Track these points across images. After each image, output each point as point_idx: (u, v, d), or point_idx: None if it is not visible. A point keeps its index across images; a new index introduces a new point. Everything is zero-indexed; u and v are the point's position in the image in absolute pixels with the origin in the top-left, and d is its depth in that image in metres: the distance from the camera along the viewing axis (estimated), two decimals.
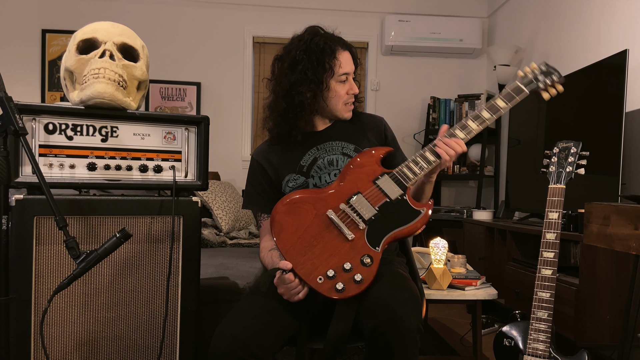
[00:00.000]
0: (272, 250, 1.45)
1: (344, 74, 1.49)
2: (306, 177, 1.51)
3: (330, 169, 1.51)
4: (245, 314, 1.26)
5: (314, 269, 1.23)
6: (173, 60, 4.13)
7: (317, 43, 1.47)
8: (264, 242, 1.53)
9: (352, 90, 1.51)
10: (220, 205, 3.24)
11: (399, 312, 1.14)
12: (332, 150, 1.53)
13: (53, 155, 1.37)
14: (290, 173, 1.52)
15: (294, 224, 1.30)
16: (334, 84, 1.49)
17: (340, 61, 1.47)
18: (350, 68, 1.51)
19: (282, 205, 1.33)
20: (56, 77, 4.02)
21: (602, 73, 2.53)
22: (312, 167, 1.51)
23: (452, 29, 4.16)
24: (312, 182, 1.50)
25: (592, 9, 2.95)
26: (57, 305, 1.33)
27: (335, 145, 1.53)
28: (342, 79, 1.49)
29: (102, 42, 1.41)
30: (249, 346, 1.18)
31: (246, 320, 1.24)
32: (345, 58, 1.49)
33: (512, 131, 3.49)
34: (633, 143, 2.41)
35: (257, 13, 4.22)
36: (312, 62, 1.45)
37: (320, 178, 1.50)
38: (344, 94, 1.51)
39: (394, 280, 1.27)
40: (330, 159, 1.52)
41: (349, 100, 1.53)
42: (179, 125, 1.47)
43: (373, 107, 4.30)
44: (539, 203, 3.01)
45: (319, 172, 1.51)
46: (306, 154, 1.53)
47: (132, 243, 1.40)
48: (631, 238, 1.38)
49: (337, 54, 1.47)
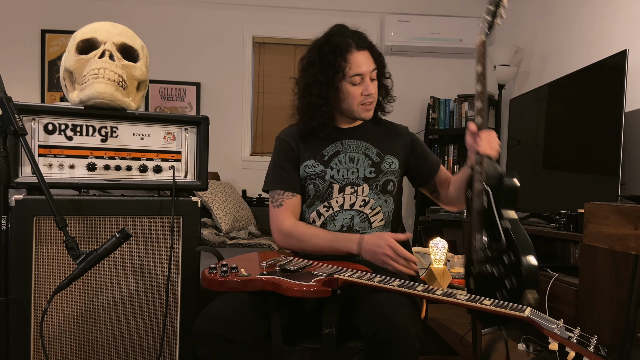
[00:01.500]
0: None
1: (357, 75, 1.47)
2: (325, 166, 1.52)
3: (350, 166, 1.52)
4: (233, 298, 1.27)
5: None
6: (173, 60, 4.13)
7: (331, 44, 1.48)
8: (288, 220, 1.52)
9: (367, 91, 1.49)
10: (220, 205, 3.24)
11: (397, 320, 1.13)
12: (356, 149, 1.55)
13: (53, 156, 1.37)
14: (311, 159, 1.53)
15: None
16: (346, 85, 1.48)
17: (351, 63, 1.46)
18: (366, 68, 1.48)
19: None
20: (56, 77, 4.02)
21: (602, 73, 2.53)
22: (333, 159, 1.53)
23: (452, 29, 4.16)
24: (330, 173, 1.51)
25: (592, 8, 2.95)
26: (57, 305, 1.33)
27: (360, 145, 1.55)
28: (355, 81, 1.48)
29: (101, 42, 1.41)
30: (229, 328, 1.19)
31: (231, 304, 1.25)
32: (358, 58, 1.47)
33: (512, 131, 3.49)
34: (633, 143, 2.41)
35: (257, 13, 4.22)
36: (323, 65, 1.47)
37: (339, 171, 1.52)
38: (358, 95, 1.49)
39: None
40: (352, 156, 1.54)
41: (366, 101, 1.51)
42: (179, 125, 1.47)
43: None
44: (539, 203, 3.01)
45: (338, 165, 1.52)
46: (330, 145, 1.55)
47: (132, 243, 1.40)
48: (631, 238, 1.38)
49: (348, 55, 1.46)
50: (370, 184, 1.51)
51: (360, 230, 1.50)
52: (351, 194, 1.50)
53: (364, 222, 1.50)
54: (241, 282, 1.26)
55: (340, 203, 1.50)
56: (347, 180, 1.51)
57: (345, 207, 1.50)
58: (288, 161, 1.55)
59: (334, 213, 1.50)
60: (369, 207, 1.51)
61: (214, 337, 1.19)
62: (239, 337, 1.20)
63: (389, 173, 1.54)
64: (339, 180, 1.51)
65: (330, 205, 1.50)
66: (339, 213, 1.50)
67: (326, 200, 1.51)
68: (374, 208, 1.51)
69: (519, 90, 3.77)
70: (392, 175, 1.54)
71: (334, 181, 1.51)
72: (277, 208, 1.53)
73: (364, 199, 1.51)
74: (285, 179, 1.54)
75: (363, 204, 1.50)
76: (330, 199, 1.50)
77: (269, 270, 1.29)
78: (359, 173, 1.52)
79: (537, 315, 0.99)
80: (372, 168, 1.53)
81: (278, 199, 1.54)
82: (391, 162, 1.55)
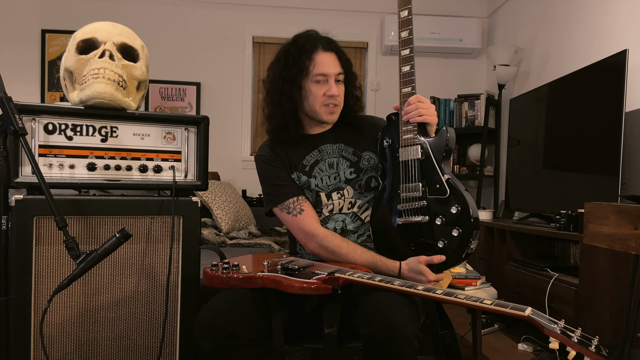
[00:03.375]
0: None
1: (320, 74, 1.46)
2: (308, 176, 1.52)
3: (331, 172, 1.52)
4: (235, 293, 1.28)
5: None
6: (173, 60, 4.13)
7: (298, 44, 1.48)
8: (320, 227, 1.47)
9: (329, 91, 1.47)
10: (220, 205, 3.24)
11: (395, 319, 1.13)
12: (333, 153, 1.54)
13: (53, 156, 1.37)
14: (293, 171, 1.52)
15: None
16: (309, 84, 1.47)
17: (316, 61, 1.45)
18: (332, 70, 1.47)
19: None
20: (56, 77, 4.02)
21: (602, 73, 2.53)
22: (314, 167, 1.52)
23: (452, 29, 4.16)
24: (314, 182, 1.51)
25: (592, 8, 2.95)
26: (57, 305, 1.33)
27: (335, 149, 1.55)
28: (318, 79, 1.46)
29: (101, 42, 1.41)
30: (231, 321, 1.20)
31: (234, 299, 1.26)
32: (323, 59, 1.46)
33: (512, 131, 3.49)
34: (633, 143, 2.41)
35: (257, 13, 4.22)
36: (287, 63, 1.47)
37: (322, 179, 1.52)
38: (321, 95, 1.47)
39: None
40: (331, 161, 1.53)
41: (329, 102, 1.48)
42: (179, 125, 1.47)
43: (373, 107, 4.30)
44: (539, 203, 3.01)
45: (320, 173, 1.52)
46: (309, 155, 1.54)
47: (132, 243, 1.40)
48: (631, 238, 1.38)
49: (313, 54, 1.46)
50: (353, 184, 1.52)
51: (354, 230, 1.51)
52: (338, 198, 1.51)
53: (356, 221, 1.52)
54: (242, 279, 1.26)
55: (329, 209, 1.51)
56: (331, 186, 1.51)
57: (334, 212, 1.51)
58: (280, 169, 1.52)
59: (325, 218, 1.51)
60: (357, 207, 1.52)
61: (215, 330, 1.19)
62: (241, 331, 1.20)
63: (370, 170, 1.54)
64: (324, 188, 1.51)
65: (321, 211, 1.52)
66: (330, 218, 1.51)
67: (317, 208, 1.52)
68: (361, 206, 1.53)
69: (519, 90, 3.77)
70: (372, 171, 1.54)
71: (320, 189, 1.51)
72: (299, 215, 1.47)
73: (351, 201, 1.52)
74: (289, 187, 1.51)
75: (351, 206, 1.52)
76: (321, 207, 1.51)
77: (270, 268, 1.29)
78: (340, 177, 1.52)
79: (538, 315, 0.99)
80: (352, 169, 1.53)
81: (296, 207, 1.48)
82: (369, 158, 1.55)
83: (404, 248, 1.42)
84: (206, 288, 1.36)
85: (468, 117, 4.04)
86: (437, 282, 1.37)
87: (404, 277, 1.38)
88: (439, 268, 1.37)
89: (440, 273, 1.37)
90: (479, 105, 3.99)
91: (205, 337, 1.20)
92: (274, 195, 1.51)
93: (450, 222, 1.35)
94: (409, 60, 1.45)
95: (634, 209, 1.38)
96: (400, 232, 1.43)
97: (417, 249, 1.40)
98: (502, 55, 3.74)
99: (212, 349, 1.20)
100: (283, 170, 1.52)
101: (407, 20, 1.46)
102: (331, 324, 1.23)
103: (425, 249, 1.38)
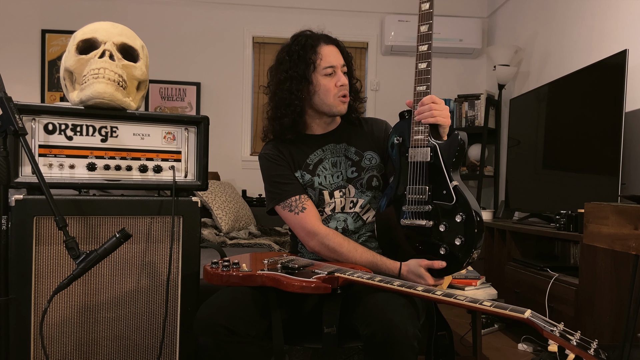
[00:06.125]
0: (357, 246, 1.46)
1: (329, 66, 1.48)
2: (312, 175, 1.53)
3: (334, 171, 1.53)
4: (235, 291, 1.28)
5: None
6: (173, 60, 4.13)
7: (299, 42, 1.50)
8: (321, 225, 1.47)
9: (340, 82, 1.49)
10: (220, 205, 3.24)
11: (394, 320, 1.13)
12: (336, 152, 1.56)
13: (53, 156, 1.37)
14: (297, 170, 1.53)
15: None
16: (319, 77, 1.49)
17: (322, 54, 1.48)
18: (337, 61, 1.50)
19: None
20: (56, 77, 4.02)
21: (602, 73, 2.53)
22: (318, 166, 1.54)
23: (452, 29, 4.16)
24: (318, 181, 1.52)
25: (592, 8, 2.95)
26: (56, 305, 1.33)
27: (339, 148, 1.56)
28: (328, 72, 1.48)
29: (101, 42, 1.41)
30: (231, 318, 1.21)
31: (234, 296, 1.26)
32: (328, 51, 1.49)
33: (512, 131, 3.49)
34: (633, 143, 2.41)
35: (257, 13, 4.22)
36: (293, 61, 1.48)
37: (325, 178, 1.53)
38: (333, 87, 1.49)
39: None
40: (334, 160, 1.54)
41: (341, 93, 1.51)
42: (179, 125, 1.47)
43: (373, 107, 4.30)
44: (539, 203, 3.01)
45: (324, 171, 1.53)
46: (313, 154, 1.55)
47: (132, 243, 1.40)
48: (631, 238, 1.38)
49: (318, 48, 1.48)
50: (355, 183, 1.53)
51: (355, 230, 1.51)
52: (340, 197, 1.52)
53: (358, 222, 1.52)
54: (242, 277, 1.27)
55: (332, 207, 1.52)
56: (334, 185, 1.52)
57: (336, 211, 1.52)
58: (284, 168, 1.52)
59: (327, 217, 1.52)
60: (359, 206, 1.53)
61: (215, 327, 1.19)
62: (241, 328, 1.20)
63: (371, 169, 1.54)
64: (327, 187, 1.52)
65: (323, 210, 1.52)
66: (332, 217, 1.52)
67: (320, 207, 1.52)
68: (363, 206, 1.53)
69: (519, 90, 3.77)
70: (374, 170, 1.55)
71: (323, 187, 1.52)
72: (301, 213, 1.47)
73: (352, 200, 1.52)
74: (292, 185, 1.51)
75: (352, 205, 1.52)
76: (324, 205, 1.52)
77: (271, 267, 1.30)
78: (342, 176, 1.53)
79: (537, 317, 0.99)
80: (354, 168, 1.54)
81: (298, 205, 1.48)
82: (371, 158, 1.56)
83: (406, 248, 1.42)
84: (206, 287, 1.36)
85: (468, 117, 4.04)
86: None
87: (403, 278, 1.37)
88: (440, 273, 1.36)
89: (439, 278, 1.37)
90: (479, 105, 3.99)
91: (204, 333, 1.21)
92: (276, 193, 1.51)
93: (454, 230, 1.32)
94: (427, 57, 1.40)
95: (634, 209, 1.38)
96: (404, 233, 1.42)
97: (419, 251, 1.39)
98: (502, 55, 3.74)
99: (212, 345, 1.20)
100: (287, 169, 1.52)
101: (428, 14, 1.38)
102: (330, 324, 1.23)
103: (428, 252, 1.37)
